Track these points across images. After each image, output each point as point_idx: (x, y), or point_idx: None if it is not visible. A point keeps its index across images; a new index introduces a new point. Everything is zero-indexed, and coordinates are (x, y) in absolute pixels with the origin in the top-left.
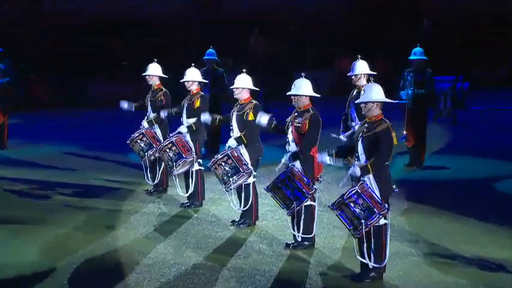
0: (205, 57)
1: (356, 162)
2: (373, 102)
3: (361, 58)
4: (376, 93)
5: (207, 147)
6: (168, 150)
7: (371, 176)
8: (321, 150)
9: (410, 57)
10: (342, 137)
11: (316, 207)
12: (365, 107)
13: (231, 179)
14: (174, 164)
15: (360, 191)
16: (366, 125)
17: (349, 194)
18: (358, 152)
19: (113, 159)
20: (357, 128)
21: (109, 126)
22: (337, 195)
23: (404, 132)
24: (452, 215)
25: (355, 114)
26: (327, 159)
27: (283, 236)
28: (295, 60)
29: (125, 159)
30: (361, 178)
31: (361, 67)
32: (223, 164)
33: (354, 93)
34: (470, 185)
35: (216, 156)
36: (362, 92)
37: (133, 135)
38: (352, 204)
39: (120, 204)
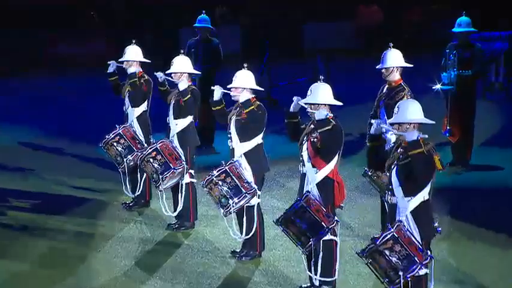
0: (195, 24)
1: (389, 197)
2: (410, 124)
3: (393, 47)
4: (413, 112)
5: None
6: (152, 160)
7: (409, 214)
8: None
9: (454, 30)
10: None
11: (339, 243)
12: (399, 129)
13: (230, 202)
14: (160, 176)
15: (396, 235)
16: (401, 149)
17: (384, 239)
18: (392, 184)
19: (82, 153)
20: (390, 136)
21: (77, 101)
22: (361, 209)
23: (448, 126)
24: None
25: (386, 117)
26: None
27: (297, 273)
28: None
29: (97, 154)
30: (397, 218)
31: (394, 58)
32: (220, 183)
33: (385, 89)
34: None
35: (211, 174)
36: (396, 109)
37: (108, 137)
38: (387, 252)
39: (92, 225)
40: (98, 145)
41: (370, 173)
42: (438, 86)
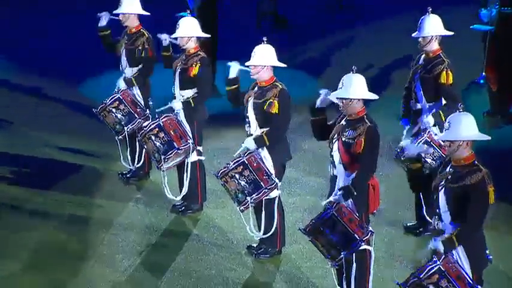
0: None
1: (436, 222)
2: (462, 141)
3: (432, 12)
4: (466, 127)
5: None
6: (153, 137)
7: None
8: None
9: None
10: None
11: (373, 255)
12: (450, 146)
13: (248, 199)
14: (163, 157)
15: (443, 269)
16: (450, 169)
17: (428, 273)
18: (439, 208)
19: (67, 97)
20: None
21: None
22: (392, 188)
23: (483, 72)
24: None
25: (422, 92)
26: None
27: (323, 278)
28: None
29: (85, 99)
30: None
31: (432, 25)
32: (237, 176)
33: (421, 60)
34: None
35: (226, 165)
36: (446, 125)
37: (105, 103)
38: None
39: (87, 206)
40: (91, 90)
41: (403, 158)
42: (476, 26)
